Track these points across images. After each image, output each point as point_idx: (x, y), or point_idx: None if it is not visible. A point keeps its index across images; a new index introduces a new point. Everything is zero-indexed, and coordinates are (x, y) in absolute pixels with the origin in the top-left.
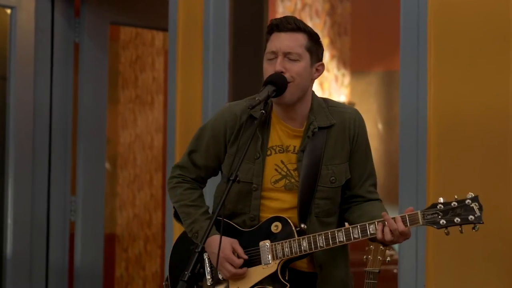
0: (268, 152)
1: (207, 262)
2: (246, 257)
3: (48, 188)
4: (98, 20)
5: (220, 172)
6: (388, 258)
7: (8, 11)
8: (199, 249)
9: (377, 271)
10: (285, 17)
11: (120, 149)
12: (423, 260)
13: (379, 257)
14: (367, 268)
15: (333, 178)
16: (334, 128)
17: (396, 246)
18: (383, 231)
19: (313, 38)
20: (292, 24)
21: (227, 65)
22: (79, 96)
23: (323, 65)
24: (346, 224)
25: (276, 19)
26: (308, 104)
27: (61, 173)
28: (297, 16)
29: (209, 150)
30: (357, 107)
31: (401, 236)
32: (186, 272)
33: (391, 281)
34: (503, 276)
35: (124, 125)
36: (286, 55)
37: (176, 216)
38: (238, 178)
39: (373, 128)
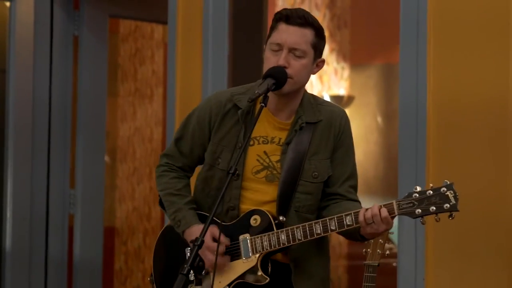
0: (251, 142)
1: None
2: (228, 242)
3: (47, 181)
4: (98, 12)
5: None
6: (388, 252)
7: (8, 3)
8: (199, 242)
9: (377, 264)
10: (296, 10)
11: (119, 142)
12: (422, 254)
13: (378, 250)
14: (366, 262)
15: (315, 173)
16: (321, 124)
17: (395, 239)
18: (364, 214)
19: (319, 34)
20: (302, 19)
21: (226, 58)
22: (78, 89)
23: (323, 61)
24: None
25: (286, 9)
26: (299, 99)
27: (60, 166)
28: None
29: (194, 138)
30: (356, 100)
31: (381, 223)
32: (185, 266)
33: (390, 275)
34: (503, 270)
35: (124, 118)
36: (292, 50)
37: (161, 204)
38: (237, 172)
39: (373, 121)
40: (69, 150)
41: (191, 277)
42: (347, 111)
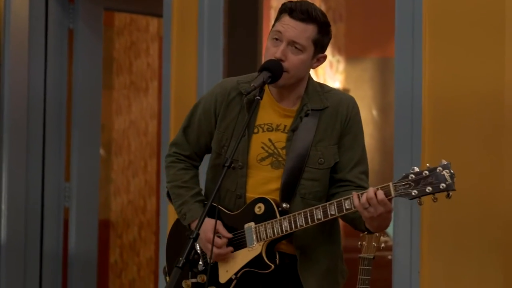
0: (255, 130)
1: (198, 246)
2: (229, 235)
3: (42, 175)
4: (93, 6)
5: None
6: (383, 245)
7: None
8: (194, 235)
9: (372, 257)
10: (301, 4)
11: (114, 135)
12: (417, 247)
13: (373, 243)
14: (361, 254)
15: (321, 159)
16: (327, 111)
17: (390, 232)
18: (359, 199)
19: (322, 29)
20: (305, 14)
21: (221, 51)
22: (73, 82)
23: (325, 56)
24: None
25: (291, 2)
26: (303, 87)
27: (55, 159)
28: None
29: (201, 126)
30: (351, 93)
31: (378, 205)
32: (180, 258)
33: (385, 268)
34: (498, 263)
35: (119, 111)
36: (291, 43)
37: (169, 196)
38: (233, 165)
39: (368, 115)
40: (64, 143)
41: (200, 267)
42: None
